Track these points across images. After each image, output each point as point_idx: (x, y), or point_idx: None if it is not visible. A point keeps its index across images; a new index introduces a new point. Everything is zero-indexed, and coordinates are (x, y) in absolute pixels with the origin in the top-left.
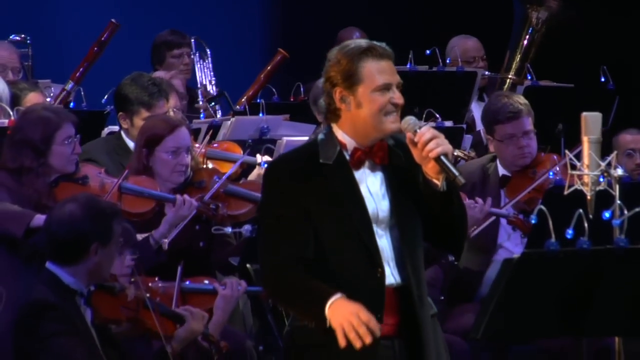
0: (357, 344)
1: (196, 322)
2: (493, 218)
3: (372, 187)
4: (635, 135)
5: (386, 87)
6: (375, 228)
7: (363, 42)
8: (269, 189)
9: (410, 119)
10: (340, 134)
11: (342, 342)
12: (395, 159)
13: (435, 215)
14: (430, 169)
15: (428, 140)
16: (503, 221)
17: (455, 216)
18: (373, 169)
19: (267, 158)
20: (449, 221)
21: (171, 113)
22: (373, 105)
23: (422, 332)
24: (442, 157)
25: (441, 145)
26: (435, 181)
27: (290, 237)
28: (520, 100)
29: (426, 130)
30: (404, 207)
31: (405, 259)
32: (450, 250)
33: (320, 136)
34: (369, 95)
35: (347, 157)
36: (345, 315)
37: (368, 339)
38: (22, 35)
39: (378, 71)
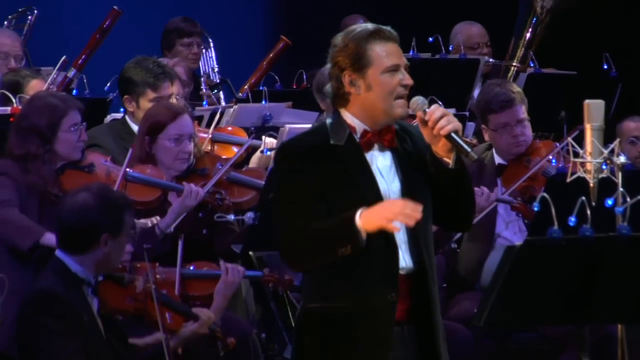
0: (411, 222)
1: (203, 326)
2: (493, 206)
3: (382, 168)
4: (638, 122)
5: (395, 69)
6: None
7: (369, 25)
8: (282, 170)
9: (418, 99)
10: (350, 118)
11: (395, 229)
12: (402, 143)
13: (445, 195)
14: (440, 148)
15: (439, 118)
16: (501, 210)
17: (465, 195)
18: (382, 151)
19: (272, 140)
20: (459, 200)
21: (174, 100)
22: (383, 87)
23: (434, 316)
24: (453, 134)
25: (451, 122)
26: (447, 159)
27: (305, 215)
28: (513, 88)
29: (436, 109)
30: (415, 189)
31: (419, 240)
32: (460, 230)
33: (329, 120)
34: (378, 77)
35: (357, 140)
36: (381, 211)
37: (419, 214)
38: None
39: (386, 53)
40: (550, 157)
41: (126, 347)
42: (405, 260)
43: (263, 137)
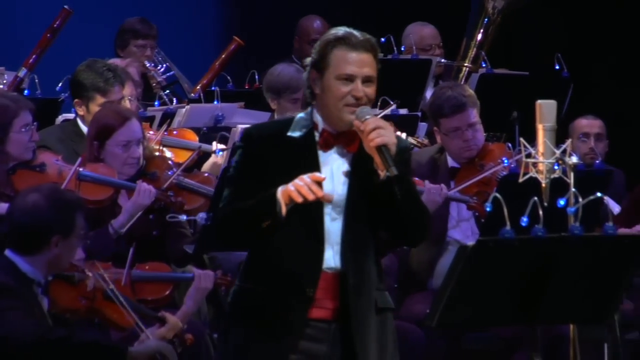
0: (310, 197)
1: (170, 331)
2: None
3: (335, 170)
4: (590, 120)
5: (349, 78)
6: (329, 210)
7: (342, 30)
8: (237, 153)
9: (364, 109)
10: (316, 115)
11: (297, 199)
12: (364, 150)
13: (385, 207)
14: (376, 160)
15: (371, 130)
16: (453, 212)
17: (401, 209)
18: (342, 154)
19: (222, 146)
20: (397, 213)
21: (127, 102)
22: (334, 93)
23: (353, 322)
24: (382, 148)
25: (382, 136)
26: (380, 172)
27: (243, 195)
28: (464, 92)
29: (372, 120)
30: (363, 196)
31: (353, 243)
32: (406, 243)
33: (301, 114)
34: (332, 82)
35: (316, 138)
36: (293, 181)
37: (320, 193)
38: None
39: (345, 60)
40: (505, 163)
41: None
42: (335, 260)
43: (214, 143)
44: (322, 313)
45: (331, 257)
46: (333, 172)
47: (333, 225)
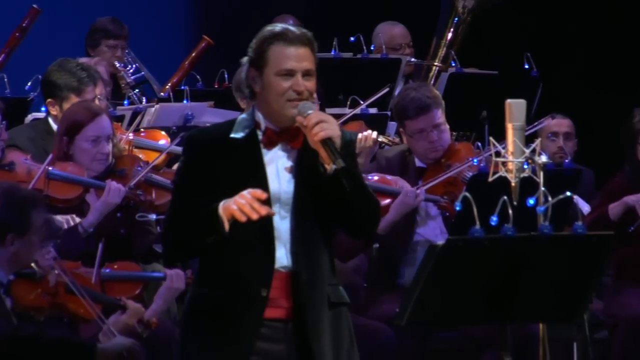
0: (254, 216)
1: (131, 317)
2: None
3: (281, 168)
4: (559, 119)
5: (289, 73)
6: (278, 209)
7: (279, 26)
8: (182, 158)
9: (305, 104)
10: (258, 114)
11: (241, 218)
12: (309, 146)
13: (333, 200)
14: (321, 154)
15: (314, 124)
16: (421, 210)
17: (351, 201)
18: (287, 151)
19: None
20: (345, 207)
21: (97, 101)
22: (275, 89)
23: (308, 319)
24: (327, 141)
25: (326, 129)
26: (326, 166)
27: (189, 205)
28: (428, 93)
29: (314, 115)
30: (311, 192)
31: (304, 241)
32: (358, 237)
33: (243, 115)
34: (272, 79)
35: (259, 137)
36: (234, 198)
37: (264, 211)
38: None
39: (284, 56)
40: (474, 162)
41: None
42: (287, 259)
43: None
44: (278, 312)
45: (283, 256)
46: (278, 170)
47: (282, 223)
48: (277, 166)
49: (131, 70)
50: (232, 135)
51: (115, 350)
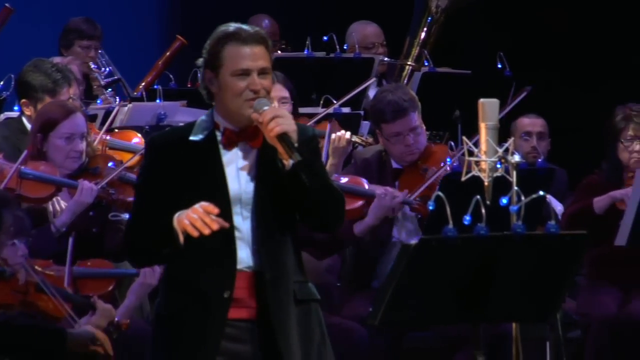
0: (206, 231)
1: (102, 318)
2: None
3: (241, 168)
4: (533, 118)
5: (245, 73)
6: (239, 209)
7: (232, 26)
8: (143, 162)
9: (261, 101)
10: (216, 116)
11: (193, 233)
12: (269, 144)
13: (295, 196)
14: (279, 149)
15: (269, 120)
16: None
17: (313, 196)
18: (246, 151)
19: None
20: (306, 202)
21: (70, 101)
22: (231, 89)
23: (274, 318)
24: (283, 136)
25: (281, 124)
26: (284, 161)
27: (149, 211)
28: (405, 96)
29: (269, 111)
30: (272, 191)
31: (263, 242)
32: (324, 231)
33: (202, 117)
34: (228, 79)
35: (218, 138)
36: (187, 212)
37: (215, 226)
38: None
39: (238, 56)
40: (448, 162)
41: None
42: (251, 259)
43: None
44: (244, 313)
45: (246, 256)
46: (238, 170)
47: (245, 224)
48: (237, 166)
49: (105, 72)
50: (191, 138)
51: (85, 337)
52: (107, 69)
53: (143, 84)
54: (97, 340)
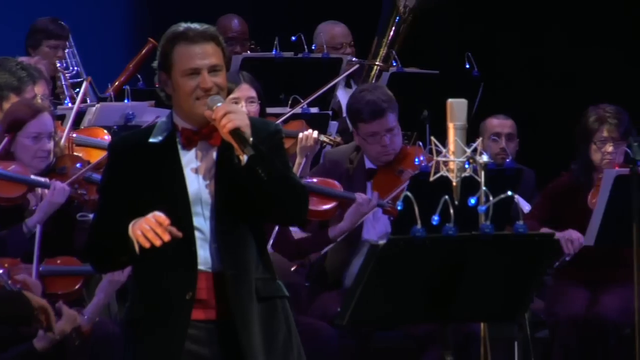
0: (157, 242)
1: (67, 323)
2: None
3: (200, 168)
4: (502, 120)
5: (195, 72)
6: (200, 210)
7: (181, 26)
8: (105, 165)
9: (214, 98)
10: (175, 117)
11: (145, 244)
12: (228, 142)
13: (254, 191)
14: (234, 145)
15: (222, 116)
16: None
17: (271, 190)
18: (206, 150)
19: None
20: (265, 196)
21: (38, 100)
22: (183, 89)
23: (237, 317)
24: (236, 131)
25: (233, 120)
26: (240, 157)
27: (109, 216)
28: (383, 96)
29: (221, 107)
30: (232, 190)
31: (224, 241)
32: (286, 225)
33: (162, 119)
34: (179, 80)
35: (177, 139)
36: (141, 222)
37: (167, 237)
38: None
39: (187, 56)
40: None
41: None
42: (212, 259)
43: None
44: (208, 314)
45: (207, 257)
46: (198, 170)
47: (206, 224)
48: (197, 166)
49: (71, 73)
50: (150, 140)
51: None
52: (75, 69)
53: (114, 86)
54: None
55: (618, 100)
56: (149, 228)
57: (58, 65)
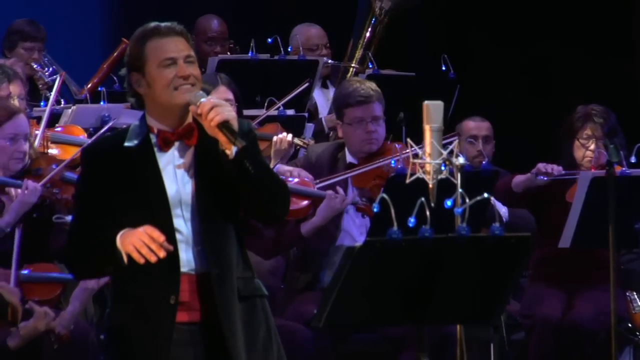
0: (153, 259)
1: (39, 321)
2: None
3: (178, 169)
4: (478, 122)
5: (171, 61)
6: (180, 212)
7: (150, 24)
8: (80, 171)
9: (198, 93)
10: (149, 119)
11: (139, 260)
12: (205, 140)
13: (240, 188)
14: (221, 139)
15: (209, 110)
16: (351, 210)
17: (257, 184)
18: (183, 151)
19: None
20: (252, 191)
21: (15, 102)
22: (160, 80)
23: (221, 318)
24: (225, 124)
25: (221, 113)
26: (227, 151)
27: (87, 223)
28: (372, 86)
29: (207, 102)
30: (212, 189)
31: (207, 243)
32: (269, 222)
33: (135, 122)
34: (155, 72)
35: (153, 141)
36: (134, 235)
37: (162, 253)
38: None
39: (161, 48)
40: (400, 157)
41: None
42: (195, 261)
43: None
44: (192, 316)
45: (189, 259)
46: (176, 172)
47: (187, 226)
48: (174, 167)
49: (48, 72)
50: (126, 144)
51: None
52: (51, 68)
53: (88, 86)
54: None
55: (595, 100)
56: (143, 244)
57: (35, 66)
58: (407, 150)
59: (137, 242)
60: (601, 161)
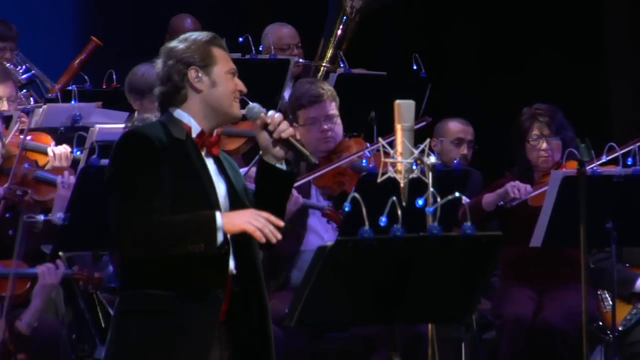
0: (273, 240)
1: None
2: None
3: (213, 172)
4: (464, 125)
5: (234, 73)
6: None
7: (206, 33)
8: (128, 156)
9: (255, 106)
10: (186, 118)
11: (261, 239)
12: (222, 153)
13: (270, 200)
14: (277, 152)
15: (279, 122)
16: (313, 215)
17: (279, 206)
18: (207, 157)
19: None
20: (283, 201)
21: (4, 104)
22: (227, 85)
23: (261, 317)
24: (292, 139)
25: (289, 127)
26: (279, 165)
27: (156, 204)
28: (323, 85)
29: (274, 113)
30: (238, 194)
31: (243, 244)
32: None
33: (162, 119)
34: (224, 75)
35: (194, 139)
36: (248, 215)
37: (279, 235)
38: None
39: (226, 58)
40: (364, 152)
41: None
42: (232, 262)
43: (64, 145)
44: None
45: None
46: (214, 174)
47: None
48: (212, 170)
49: (21, 70)
50: (176, 136)
51: None
52: (24, 66)
53: (59, 85)
54: None
55: (567, 101)
56: (266, 222)
57: (8, 66)
58: (371, 146)
59: (259, 221)
60: (556, 159)
